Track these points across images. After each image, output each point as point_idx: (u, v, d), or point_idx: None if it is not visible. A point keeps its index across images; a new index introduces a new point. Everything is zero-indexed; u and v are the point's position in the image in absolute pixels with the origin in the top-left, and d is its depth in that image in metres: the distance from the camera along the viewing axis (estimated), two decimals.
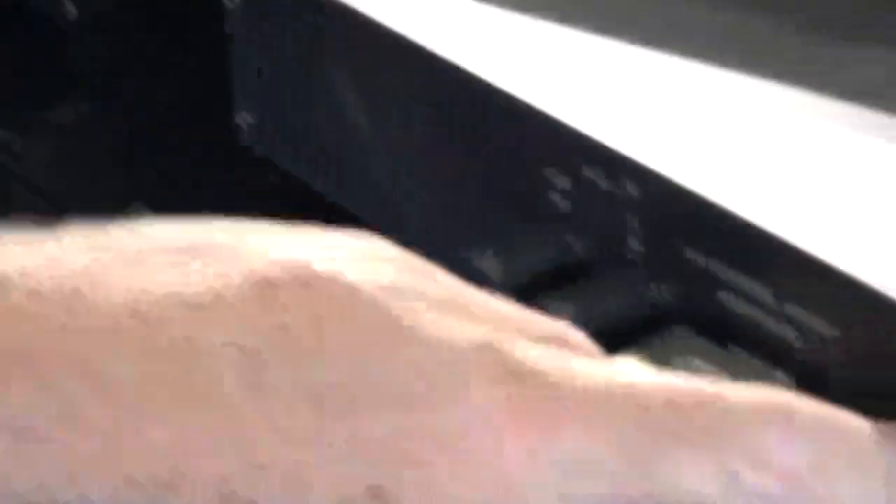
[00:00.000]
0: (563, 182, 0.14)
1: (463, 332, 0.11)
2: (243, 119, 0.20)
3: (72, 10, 0.23)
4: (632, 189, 0.13)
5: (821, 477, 0.11)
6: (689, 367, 0.12)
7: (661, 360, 0.12)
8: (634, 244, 0.14)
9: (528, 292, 0.14)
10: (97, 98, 0.23)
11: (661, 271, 0.14)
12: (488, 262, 0.15)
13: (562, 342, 0.11)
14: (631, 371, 0.11)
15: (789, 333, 0.12)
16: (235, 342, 0.11)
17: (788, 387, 0.12)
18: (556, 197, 0.14)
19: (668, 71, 0.15)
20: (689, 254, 0.13)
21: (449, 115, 0.16)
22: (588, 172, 0.14)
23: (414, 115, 0.17)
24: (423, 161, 0.17)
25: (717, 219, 0.13)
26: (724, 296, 0.13)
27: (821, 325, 0.12)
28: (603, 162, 0.14)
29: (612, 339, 0.13)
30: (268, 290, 0.11)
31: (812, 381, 0.12)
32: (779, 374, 0.12)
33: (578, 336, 0.12)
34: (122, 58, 0.23)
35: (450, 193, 0.16)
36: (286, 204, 0.20)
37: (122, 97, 0.23)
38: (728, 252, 0.13)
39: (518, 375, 0.11)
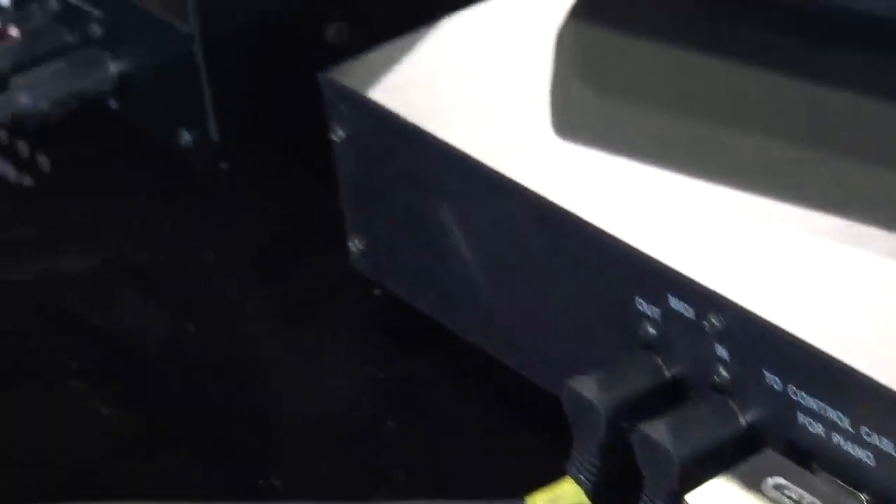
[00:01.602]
0: (653, 312, 0.16)
1: None
2: (353, 244, 0.22)
3: (187, 137, 0.26)
4: (716, 320, 0.15)
5: None
6: (777, 489, 0.14)
7: (751, 482, 0.14)
8: (721, 371, 0.15)
9: (621, 417, 0.16)
10: (214, 218, 0.26)
11: (746, 397, 0.15)
12: (583, 384, 0.16)
13: None
14: None
15: (867, 457, 0.14)
16: None
17: None
18: (646, 326, 0.16)
19: (753, 209, 0.17)
20: (772, 381, 0.15)
21: (545, 245, 0.18)
22: (675, 304, 0.15)
23: (512, 245, 0.18)
24: (520, 287, 0.19)
25: (796, 349, 0.14)
26: (805, 420, 0.14)
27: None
28: (689, 294, 0.15)
29: (704, 463, 0.14)
30: None
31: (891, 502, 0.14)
32: (862, 495, 0.14)
33: None
34: (238, 184, 0.26)
35: (547, 319, 0.18)
36: (389, 322, 0.22)
37: (239, 223, 0.25)
38: (807, 380, 0.14)
39: None
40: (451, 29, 0.22)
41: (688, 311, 0.15)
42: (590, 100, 0.21)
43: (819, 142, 0.18)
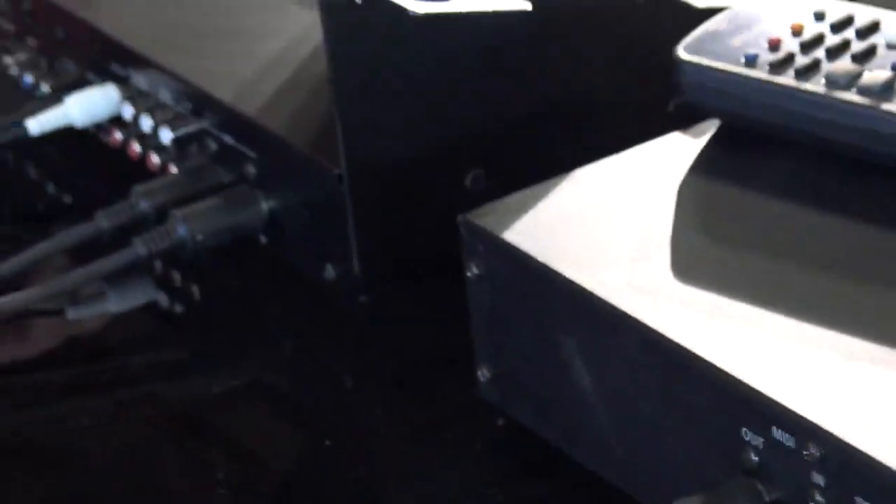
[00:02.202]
0: (756, 441, 0.17)
1: None
2: (482, 373, 0.23)
3: (331, 272, 0.29)
4: (815, 449, 0.16)
5: None
6: None
7: None
8: (817, 497, 0.16)
9: None
10: (352, 346, 0.28)
11: None
12: None
13: None
14: None
15: None
16: None
17: None
18: (749, 453, 0.17)
19: (853, 350, 0.18)
20: None
21: (659, 377, 0.19)
22: (778, 434, 0.17)
23: (629, 377, 0.20)
24: (635, 416, 0.20)
25: (886, 477, 0.15)
26: None
27: None
28: (791, 425, 0.16)
29: None
30: None
31: None
32: None
33: None
34: (377, 315, 0.28)
35: (659, 446, 0.20)
36: (512, 447, 0.23)
37: (376, 350, 0.28)
38: None
39: None
40: (581, 179, 0.24)
41: (789, 441, 0.16)
42: (707, 247, 0.22)
43: None
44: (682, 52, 0.24)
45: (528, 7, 0.27)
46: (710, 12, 0.26)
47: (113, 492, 0.25)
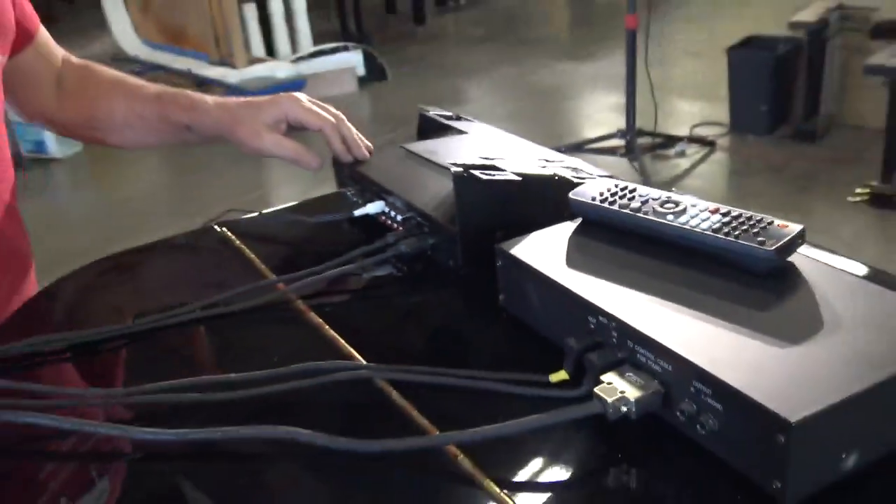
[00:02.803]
0: (592, 323, 0.66)
1: None
2: (501, 297, 0.73)
3: (458, 261, 0.78)
4: (614, 327, 0.65)
5: None
6: None
7: None
8: (616, 344, 0.65)
9: None
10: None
11: None
12: None
13: None
14: None
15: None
16: None
17: None
18: (591, 328, 0.66)
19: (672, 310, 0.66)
20: None
21: (566, 304, 0.68)
22: (596, 320, 0.66)
23: (558, 304, 0.69)
24: (557, 318, 0.69)
25: (635, 334, 0.63)
26: None
27: None
28: (605, 317, 0.65)
29: None
30: None
31: None
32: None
33: None
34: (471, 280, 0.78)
35: (563, 327, 0.68)
36: (509, 320, 0.72)
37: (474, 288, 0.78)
38: None
39: None
40: (540, 234, 0.73)
41: (605, 323, 0.66)
42: (588, 261, 0.71)
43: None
44: (571, 195, 0.74)
45: (519, 179, 0.77)
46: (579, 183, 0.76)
47: None
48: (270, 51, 4.96)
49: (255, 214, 1.01)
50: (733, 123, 3.72)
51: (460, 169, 0.75)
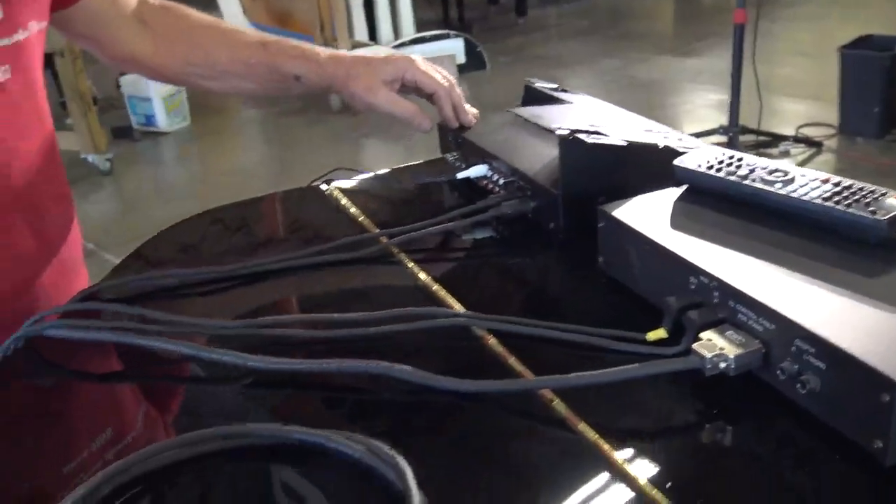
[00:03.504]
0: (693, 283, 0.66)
1: None
2: (601, 259, 0.74)
3: (558, 224, 0.79)
4: (714, 287, 0.65)
5: None
6: None
7: None
8: (717, 304, 0.65)
9: None
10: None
11: None
12: None
13: None
14: None
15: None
16: None
17: None
18: (692, 289, 0.66)
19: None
20: None
21: (663, 264, 0.69)
22: (699, 280, 0.66)
23: (660, 265, 0.70)
24: (656, 277, 0.70)
25: (744, 298, 0.64)
26: None
27: None
28: (707, 278, 0.65)
29: None
30: None
31: None
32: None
33: None
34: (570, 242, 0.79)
35: (664, 287, 0.69)
36: (607, 280, 0.73)
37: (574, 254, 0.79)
38: None
39: None
40: (642, 199, 0.73)
41: (708, 284, 0.66)
42: (695, 226, 0.71)
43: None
44: (676, 162, 0.74)
45: (624, 144, 0.77)
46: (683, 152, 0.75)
47: None
48: (373, 36, 5.04)
49: (361, 175, 1.03)
50: (842, 125, 3.60)
51: (566, 132, 0.76)
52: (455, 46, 4.86)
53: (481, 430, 0.57)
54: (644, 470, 0.51)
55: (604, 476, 0.51)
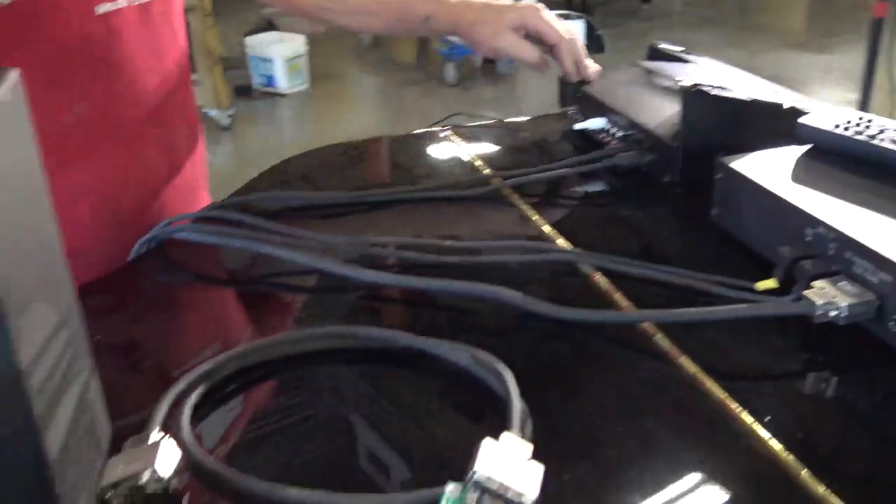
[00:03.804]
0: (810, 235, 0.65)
1: None
2: (714, 211, 0.73)
3: (674, 176, 0.79)
4: (833, 237, 0.64)
5: None
6: None
7: None
8: (832, 255, 0.64)
9: None
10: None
11: None
12: None
13: None
14: None
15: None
16: None
17: None
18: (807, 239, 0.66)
19: None
20: None
21: (774, 210, 0.68)
22: (815, 231, 0.65)
23: (772, 218, 0.69)
24: (765, 227, 0.69)
25: (857, 247, 0.63)
26: None
27: None
28: (825, 228, 0.65)
29: None
30: None
31: None
32: None
33: None
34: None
35: (777, 238, 0.68)
36: (716, 230, 0.72)
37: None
38: None
39: None
40: (760, 155, 0.73)
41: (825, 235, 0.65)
42: (821, 181, 0.70)
43: None
44: (800, 120, 0.73)
45: (747, 100, 0.76)
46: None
47: None
48: None
49: (477, 123, 1.05)
50: None
51: (690, 83, 0.76)
52: (574, 27, 4.80)
53: (581, 358, 0.58)
54: (743, 405, 0.51)
55: (702, 409, 0.51)
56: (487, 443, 0.43)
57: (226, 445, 0.50)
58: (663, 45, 1.02)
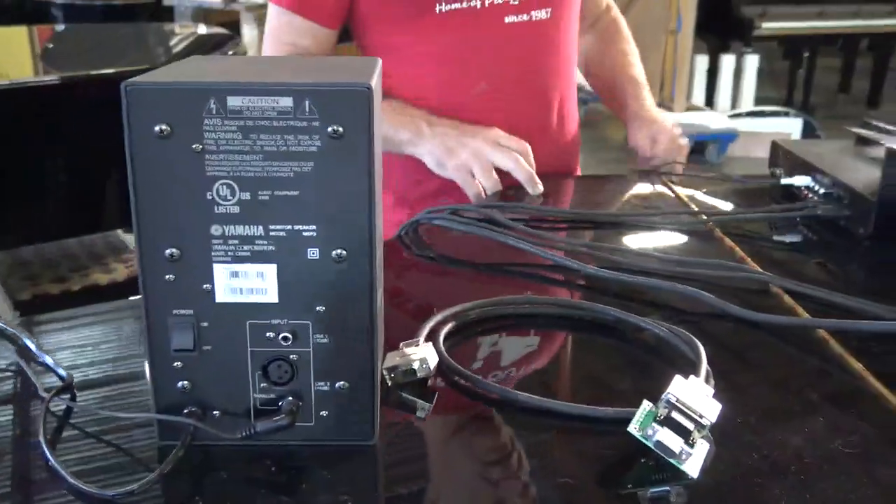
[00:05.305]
0: None
1: None
2: None
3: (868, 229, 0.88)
4: None
5: None
6: None
7: None
8: None
9: None
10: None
11: None
12: None
13: None
14: None
15: None
16: None
17: None
18: None
19: None
20: None
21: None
22: None
23: None
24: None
25: None
26: None
27: None
28: None
29: None
30: None
31: None
32: None
33: None
34: None
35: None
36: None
37: None
38: None
39: None
40: None
41: None
42: None
43: None
44: None
45: None
46: None
47: None
48: (709, 102, 5.10)
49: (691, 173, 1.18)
50: None
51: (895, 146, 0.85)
52: (792, 125, 4.78)
53: (760, 355, 0.68)
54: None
55: (873, 410, 0.59)
56: (678, 378, 0.54)
57: (469, 360, 0.65)
58: (875, 122, 1.10)
